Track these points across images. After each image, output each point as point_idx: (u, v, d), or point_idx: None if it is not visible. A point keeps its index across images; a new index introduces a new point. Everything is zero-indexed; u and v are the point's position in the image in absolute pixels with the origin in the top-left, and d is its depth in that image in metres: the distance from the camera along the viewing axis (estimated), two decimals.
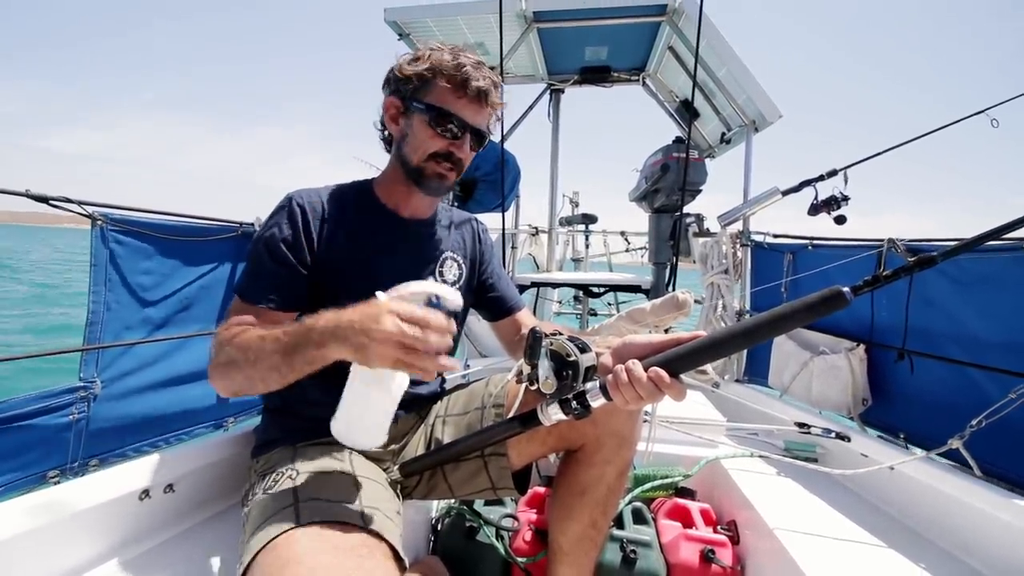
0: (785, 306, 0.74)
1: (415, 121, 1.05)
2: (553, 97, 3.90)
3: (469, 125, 1.05)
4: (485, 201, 3.49)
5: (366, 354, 0.74)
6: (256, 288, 0.99)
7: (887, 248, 1.91)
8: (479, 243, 1.29)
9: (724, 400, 2.13)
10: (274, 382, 0.83)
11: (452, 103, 1.03)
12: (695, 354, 0.77)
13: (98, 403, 1.45)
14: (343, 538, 0.75)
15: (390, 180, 1.13)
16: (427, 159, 1.05)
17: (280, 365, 0.81)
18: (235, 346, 0.86)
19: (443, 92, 1.03)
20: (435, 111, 1.03)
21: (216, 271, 1.75)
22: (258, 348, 0.83)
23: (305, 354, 0.79)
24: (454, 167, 1.08)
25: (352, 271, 1.05)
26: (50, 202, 1.29)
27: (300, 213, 1.03)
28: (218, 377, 0.89)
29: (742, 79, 2.72)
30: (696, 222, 3.16)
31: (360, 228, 1.08)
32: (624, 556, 1.21)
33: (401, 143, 1.08)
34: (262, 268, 1.00)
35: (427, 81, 1.03)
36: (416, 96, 1.04)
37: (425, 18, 2.92)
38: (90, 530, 0.97)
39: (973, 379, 1.58)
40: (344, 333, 0.75)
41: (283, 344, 0.81)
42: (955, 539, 1.14)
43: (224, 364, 0.87)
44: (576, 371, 0.81)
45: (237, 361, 0.85)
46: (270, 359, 0.82)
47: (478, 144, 1.10)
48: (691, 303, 1.51)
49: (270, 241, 1.01)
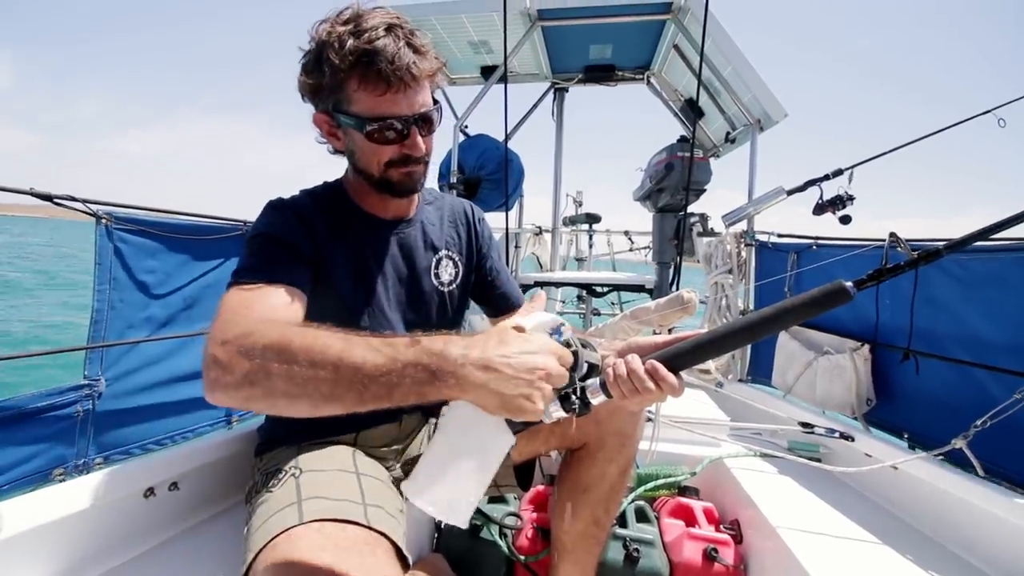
0: (787, 301, 0.74)
1: (352, 136, 0.92)
2: (557, 96, 3.90)
3: (409, 117, 0.89)
4: (489, 200, 3.49)
5: (515, 403, 0.61)
6: (264, 268, 0.84)
7: (889, 245, 1.90)
8: (475, 235, 1.19)
9: (728, 400, 2.13)
10: (338, 404, 0.62)
11: (377, 105, 0.86)
12: (697, 350, 0.76)
13: (103, 401, 1.46)
14: (345, 536, 0.76)
15: (360, 189, 1.02)
16: (385, 169, 0.94)
17: (363, 389, 0.61)
18: (277, 349, 0.63)
19: (361, 97, 0.86)
20: (364, 121, 0.88)
21: (220, 269, 1.76)
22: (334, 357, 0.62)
23: (410, 390, 0.61)
24: (419, 164, 0.96)
25: (351, 284, 0.99)
26: (55, 200, 1.30)
27: (291, 213, 0.95)
28: (245, 387, 0.64)
29: (747, 78, 2.71)
30: (700, 221, 3.15)
31: (352, 238, 1.01)
32: (627, 554, 1.21)
33: (351, 158, 0.97)
34: (265, 248, 0.88)
35: (339, 85, 0.86)
36: (339, 108, 0.89)
37: (429, 17, 2.92)
38: (95, 528, 0.97)
39: (978, 380, 1.57)
40: (487, 372, 0.60)
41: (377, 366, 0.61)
42: (958, 538, 1.13)
43: (254, 371, 0.63)
44: (577, 362, 0.80)
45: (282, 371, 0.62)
46: (351, 375, 0.61)
47: (429, 128, 0.95)
48: (696, 302, 1.51)
49: (267, 232, 0.90)
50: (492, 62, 3.46)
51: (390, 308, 1.04)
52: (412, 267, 1.08)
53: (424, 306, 1.09)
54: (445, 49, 3.35)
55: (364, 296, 1.01)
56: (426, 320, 1.10)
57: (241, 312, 0.76)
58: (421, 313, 1.09)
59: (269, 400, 0.64)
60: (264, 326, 0.68)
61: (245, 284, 0.81)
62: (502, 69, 2.80)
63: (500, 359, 0.61)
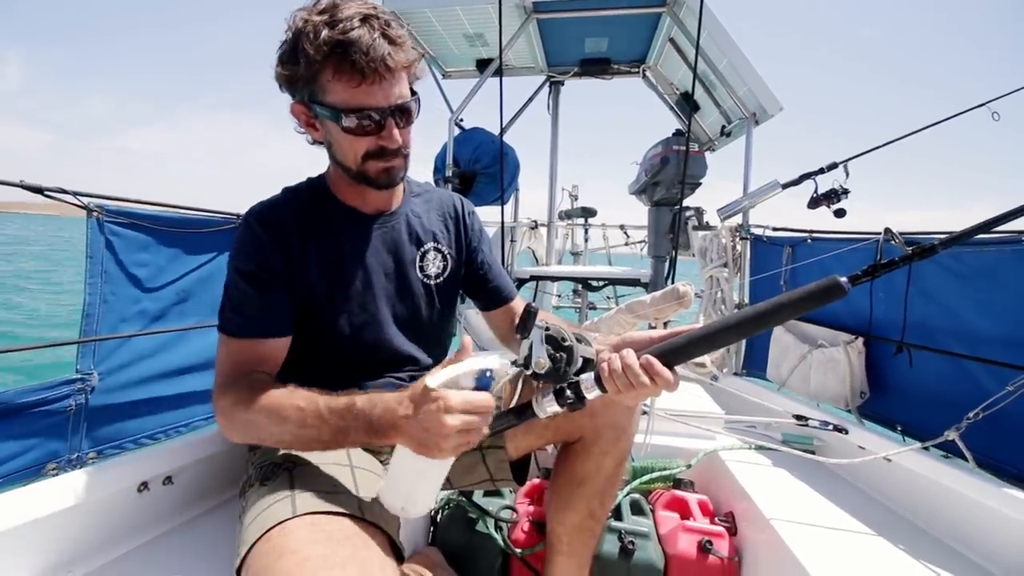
0: (782, 296, 0.74)
1: (330, 127, 0.92)
2: (553, 89, 3.89)
3: (385, 109, 0.89)
4: (484, 194, 3.48)
5: (430, 450, 0.73)
6: (247, 322, 0.93)
7: (883, 239, 1.91)
8: (464, 229, 1.18)
9: (722, 393, 2.13)
10: (311, 449, 0.85)
11: (353, 96, 0.86)
12: (691, 345, 0.77)
13: (95, 395, 1.45)
14: (339, 528, 0.75)
15: (340, 182, 1.03)
16: (363, 161, 0.94)
17: (327, 440, 0.80)
18: (264, 411, 0.82)
19: (336, 88, 0.86)
20: (339, 112, 0.88)
21: (213, 263, 1.75)
22: (298, 419, 0.80)
23: (357, 438, 0.79)
24: (397, 156, 0.95)
25: (329, 282, 1.00)
26: (45, 193, 1.28)
27: (265, 234, 0.95)
28: (237, 431, 0.86)
29: (743, 71, 2.71)
30: (696, 215, 3.15)
31: (328, 235, 1.00)
32: (622, 547, 1.21)
33: (330, 149, 0.97)
34: (246, 299, 0.94)
35: (314, 76, 0.86)
36: (315, 99, 0.89)
37: (424, 9, 2.90)
38: (89, 522, 0.96)
39: (970, 372, 1.59)
40: (406, 428, 0.74)
41: (331, 425, 0.79)
42: (950, 529, 1.14)
43: (247, 424, 0.84)
44: (571, 356, 0.79)
45: (267, 426, 0.82)
46: (313, 432, 0.80)
47: (407, 120, 0.94)
48: (691, 295, 1.51)
49: (245, 270, 0.94)
50: (487, 55, 3.44)
51: (376, 302, 1.04)
52: (397, 260, 1.07)
53: (411, 300, 1.09)
54: (440, 42, 3.33)
55: (343, 292, 1.01)
56: (414, 314, 1.09)
57: (233, 376, 0.90)
58: (408, 307, 1.08)
59: (263, 443, 0.87)
60: (249, 401, 0.83)
61: (229, 337, 0.93)
62: (497, 62, 2.79)
63: (404, 419, 0.74)
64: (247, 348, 0.93)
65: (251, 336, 0.93)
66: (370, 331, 1.03)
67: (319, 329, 1.00)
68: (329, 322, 1.00)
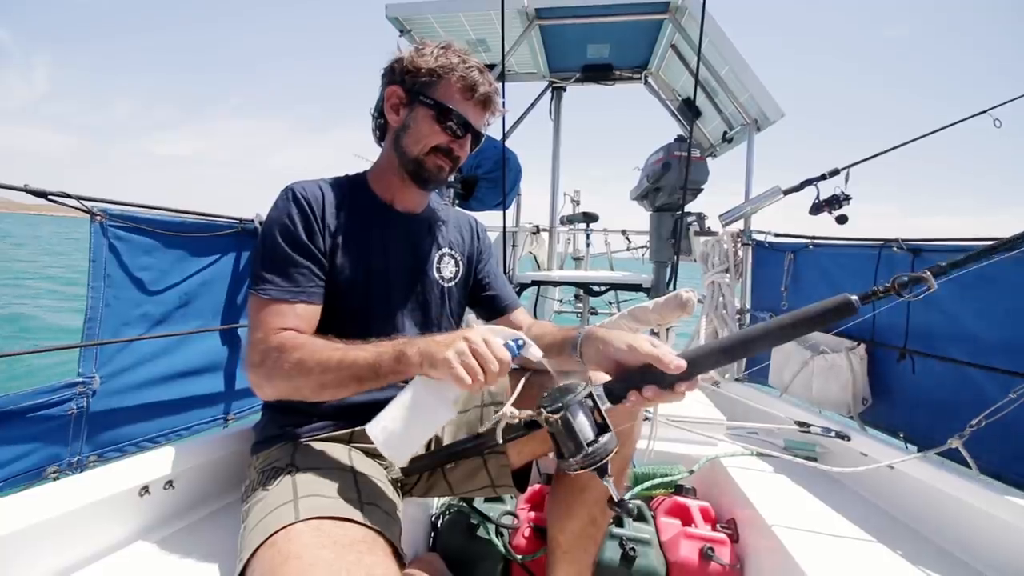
0: (793, 314, 0.74)
1: (419, 114, 1.06)
2: (555, 95, 3.89)
3: (472, 126, 1.08)
4: (486, 199, 3.48)
5: (433, 358, 0.79)
6: (286, 285, 0.98)
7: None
8: (477, 241, 1.29)
9: (724, 399, 2.13)
10: (342, 394, 0.89)
11: (459, 103, 1.06)
12: (704, 359, 0.78)
13: (97, 399, 1.44)
14: (343, 533, 0.75)
15: (384, 171, 1.14)
16: (428, 152, 1.07)
17: (363, 369, 0.86)
18: (308, 348, 0.89)
19: (452, 91, 1.05)
20: (442, 108, 1.05)
21: (216, 267, 1.74)
22: (339, 366, 0.86)
23: (386, 365, 0.85)
24: (452, 164, 1.11)
25: (352, 267, 1.05)
26: (49, 197, 1.29)
27: (306, 203, 1.03)
28: (279, 378, 0.90)
29: (744, 77, 2.72)
30: (697, 221, 3.15)
31: (356, 223, 1.08)
32: (624, 554, 1.21)
33: (401, 133, 1.09)
34: (287, 262, 0.99)
35: (438, 78, 1.05)
36: (424, 91, 1.06)
37: (427, 14, 2.92)
38: (89, 526, 0.96)
39: (973, 379, 1.58)
40: (422, 342, 0.83)
41: (367, 352, 0.86)
42: (955, 538, 1.14)
43: (291, 371, 0.88)
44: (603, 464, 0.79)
45: (311, 371, 0.87)
46: (355, 375, 0.86)
47: (475, 145, 1.14)
48: (695, 301, 1.51)
49: (287, 232, 1.01)
50: (490, 60, 3.45)
51: (394, 292, 1.10)
52: (418, 257, 1.15)
53: (425, 296, 1.15)
54: None
55: (365, 279, 1.07)
56: (426, 310, 1.15)
57: (270, 333, 0.94)
58: (421, 302, 1.15)
59: (298, 395, 0.90)
60: (287, 350, 0.90)
61: (268, 298, 0.97)
62: (500, 68, 2.80)
63: (425, 341, 0.83)
64: (282, 311, 0.97)
65: (293, 300, 0.98)
66: (385, 320, 1.09)
67: (336, 311, 1.04)
68: (346, 306, 1.05)
